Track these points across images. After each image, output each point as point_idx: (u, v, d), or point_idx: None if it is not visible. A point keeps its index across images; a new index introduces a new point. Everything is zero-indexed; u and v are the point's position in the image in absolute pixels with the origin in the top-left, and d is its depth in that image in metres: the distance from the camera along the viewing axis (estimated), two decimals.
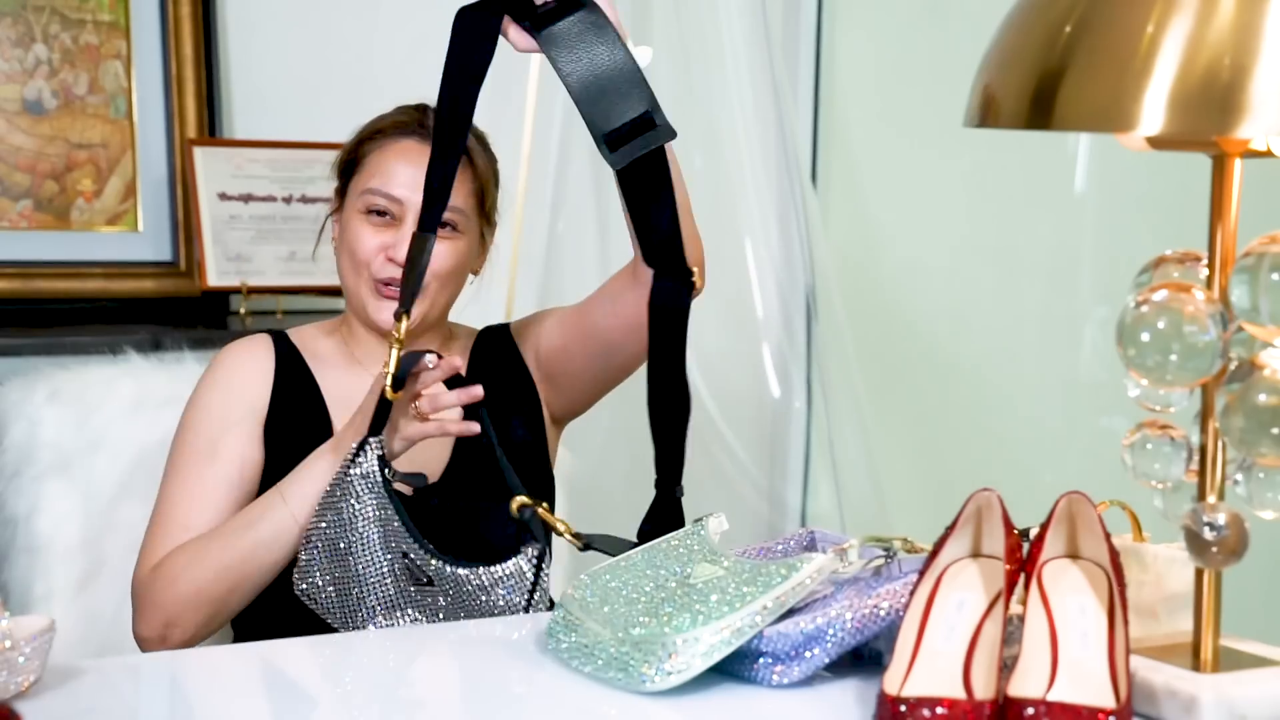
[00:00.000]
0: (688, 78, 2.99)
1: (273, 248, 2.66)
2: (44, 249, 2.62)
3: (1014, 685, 1.23)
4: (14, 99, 2.61)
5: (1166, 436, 1.34)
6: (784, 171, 3.05)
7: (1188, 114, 1.16)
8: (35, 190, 2.62)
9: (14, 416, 1.97)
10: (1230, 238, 1.30)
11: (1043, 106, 1.22)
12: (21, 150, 2.61)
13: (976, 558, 1.37)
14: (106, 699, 1.36)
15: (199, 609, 1.73)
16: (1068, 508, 1.37)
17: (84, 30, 2.64)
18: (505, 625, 1.63)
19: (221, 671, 1.50)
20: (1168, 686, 1.26)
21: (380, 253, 1.86)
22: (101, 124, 2.65)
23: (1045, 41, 1.23)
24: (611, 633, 1.39)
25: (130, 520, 1.96)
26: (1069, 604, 1.32)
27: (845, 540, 1.52)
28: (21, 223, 2.61)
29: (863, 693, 1.35)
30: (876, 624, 1.36)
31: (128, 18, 2.67)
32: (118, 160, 2.66)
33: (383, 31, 2.85)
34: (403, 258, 1.81)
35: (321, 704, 1.36)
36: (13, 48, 2.60)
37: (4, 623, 1.30)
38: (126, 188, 2.67)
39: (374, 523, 1.64)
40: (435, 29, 2.88)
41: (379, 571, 1.65)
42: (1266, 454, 1.23)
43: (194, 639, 1.74)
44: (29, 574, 1.95)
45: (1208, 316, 1.25)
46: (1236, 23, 1.16)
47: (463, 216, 1.88)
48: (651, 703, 1.34)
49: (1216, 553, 1.26)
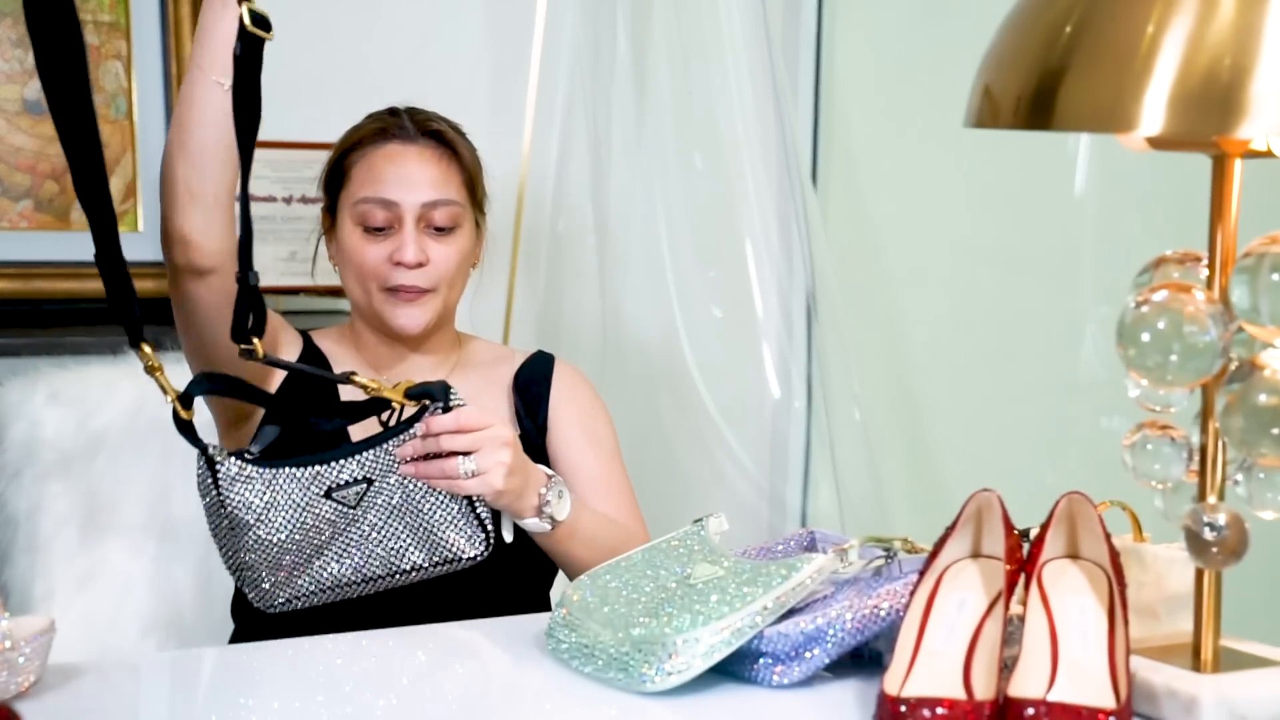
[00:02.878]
0: (688, 78, 2.99)
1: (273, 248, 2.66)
2: (44, 249, 2.62)
3: (1014, 685, 1.23)
4: (14, 99, 2.61)
5: (1167, 437, 1.34)
6: (784, 171, 3.05)
7: (1188, 114, 1.16)
8: (35, 190, 2.62)
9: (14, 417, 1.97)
10: (1230, 238, 1.30)
11: (1043, 107, 1.22)
12: (22, 151, 2.61)
13: (977, 558, 1.37)
14: (106, 699, 1.36)
15: (169, 189, 1.68)
16: (1068, 508, 1.37)
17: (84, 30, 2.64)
18: (505, 625, 1.63)
19: (222, 671, 1.50)
20: (1168, 687, 1.26)
21: (386, 262, 1.84)
22: (102, 124, 2.65)
23: (1045, 42, 1.23)
24: (612, 633, 1.39)
25: (130, 520, 1.96)
26: (1069, 604, 1.32)
27: (845, 540, 1.52)
28: (22, 223, 2.61)
29: (863, 693, 1.35)
30: (877, 624, 1.36)
31: (128, 18, 2.67)
32: (118, 160, 2.66)
33: (383, 31, 2.85)
34: (409, 259, 1.82)
35: (321, 704, 1.36)
36: (13, 48, 2.60)
37: (4, 623, 1.30)
38: (127, 188, 2.67)
39: (273, 506, 1.59)
40: (435, 29, 2.89)
41: (317, 533, 1.61)
42: (1267, 454, 1.23)
43: (189, 231, 1.67)
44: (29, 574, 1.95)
45: (1208, 317, 1.25)
46: (1236, 23, 1.16)
47: (459, 209, 1.88)
48: (652, 703, 1.34)
49: (1217, 553, 1.26)
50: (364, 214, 1.85)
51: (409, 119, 1.89)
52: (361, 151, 1.88)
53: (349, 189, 1.88)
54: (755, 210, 3.00)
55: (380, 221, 1.84)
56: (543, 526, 1.72)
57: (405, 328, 1.85)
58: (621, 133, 2.98)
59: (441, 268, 1.85)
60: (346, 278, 1.88)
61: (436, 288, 1.86)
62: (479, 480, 1.65)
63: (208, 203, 1.66)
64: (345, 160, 1.89)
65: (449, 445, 1.64)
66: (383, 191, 1.85)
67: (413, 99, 1.94)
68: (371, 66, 2.82)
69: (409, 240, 1.82)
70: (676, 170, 3.00)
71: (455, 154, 1.89)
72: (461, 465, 1.64)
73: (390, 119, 1.90)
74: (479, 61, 2.91)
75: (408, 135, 1.87)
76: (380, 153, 1.87)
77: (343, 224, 1.88)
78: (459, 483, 1.65)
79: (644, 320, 3.01)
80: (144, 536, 1.96)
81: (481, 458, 1.64)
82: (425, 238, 1.84)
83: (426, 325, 1.86)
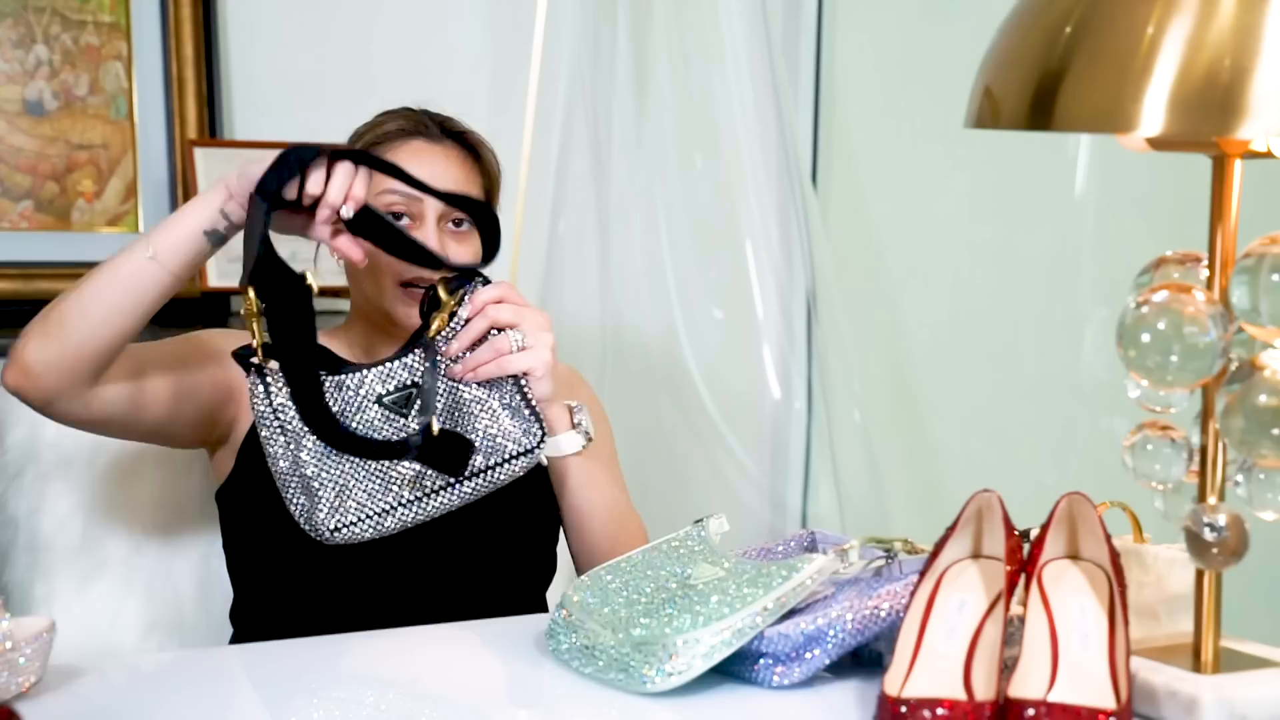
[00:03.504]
0: (688, 78, 2.99)
1: None
2: (45, 250, 2.62)
3: (1014, 686, 1.23)
4: (15, 100, 2.61)
5: (1167, 437, 1.34)
6: (784, 172, 3.05)
7: (1188, 115, 1.16)
8: (36, 191, 2.62)
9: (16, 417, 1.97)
10: (1230, 239, 1.30)
11: (1043, 107, 1.22)
12: (22, 151, 2.61)
13: (977, 559, 1.37)
14: (106, 699, 1.36)
15: (43, 321, 1.66)
16: (1068, 508, 1.37)
17: (85, 31, 2.64)
18: (505, 625, 1.63)
19: (222, 671, 1.50)
20: (1168, 687, 1.26)
21: None
22: (102, 125, 2.65)
23: (1045, 42, 1.23)
24: (612, 633, 1.39)
25: (131, 521, 1.96)
26: (1069, 605, 1.32)
27: (846, 541, 1.52)
28: (22, 223, 2.61)
29: (863, 694, 1.35)
30: (877, 625, 1.36)
31: (128, 19, 2.67)
32: (118, 161, 2.66)
33: (382, 31, 2.85)
34: None
35: (321, 704, 1.36)
36: (13, 49, 2.60)
37: (5, 623, 1.30)
38: (127, 188, 2.67)
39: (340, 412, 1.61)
40: (435, 29, 2.89)
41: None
42: (1267, 455, 1.23)
43: (34, 362, 1.64)
44: (30, 574, 1.95)
45: (1208, 317, 1.25)
46: (1236, 24, 1.16)
47: None
48: (652, 703, 1.34)
49: (1217, 554, 1.26)
50: (387, 205, 1.82)
51: (431, 120, 1.89)
52: (387, 145, 1.86)
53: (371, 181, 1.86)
54: (755, 210, 3.01)
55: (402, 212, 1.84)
56: (578, 441, 1.75)
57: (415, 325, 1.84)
58: (622, 133, 2.98)
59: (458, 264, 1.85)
60: (357, 271, 1.86)
61: None
62: (529, 353, 1.67)
63: (78, 352, 1.65)
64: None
65: (495, 315, 1.68)
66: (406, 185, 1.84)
67: (413, 99, 1.94)
68: (371, 66, 2.82)
69: (430, 236, 1.82)
70: (677, 171, 3.00)
71: (478, 158, 1.89)
72: (510, 337, 1.67)
73: (413, 115, 1.89)
74: (479, 62, 2.91)
75: (433, 135, 1.87)
76: (407, 148, 1.86)
77: None
78: (509, 359, 1.67)
79: (644, 321, 3.01)
80: (144, 537, 1.96)
81: (527, 331, 1.68)
82: (444, 235, 1.84)
83: None
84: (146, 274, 1.64)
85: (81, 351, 1.65)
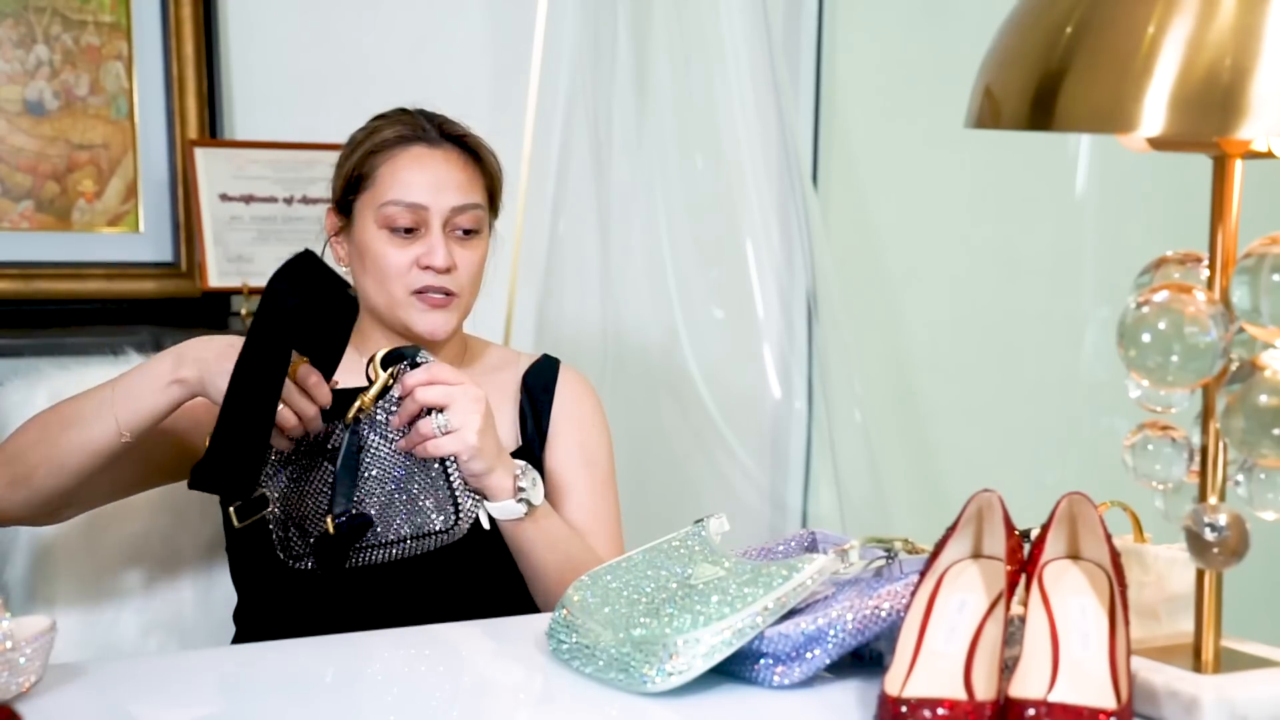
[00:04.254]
0: (688, 78, 2.99)
1: (274, 249, 2.66)
2: (45, 250, 2.62)
3: (1015, 686, 1.23)
4: (15, 100, 2.61)
5: (1167, 437, 1.34)
6: (784, 172, 3.05)
7: (1188, 115, 1.16)
8: (36, 191, 2.62)
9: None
10: (1231, 239, 1.30)
11: (1044, 107, 1.22)
12: (23, 151, 2.61)
13: (977, 559, 1.37)
14: (106, 699, 1.36)
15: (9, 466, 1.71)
16: (1069, 508, 1.37)
17: (85, 31, 2.64)
18: (505, 625, 1.63)
19: (222, 672, 1.50)
20: (1169, 687, 1.26)
21: (412, 265, 1.83)
22: (102, 125, 2.65)
23: (1046, 42, 1.23)
24: (612, 633, 1.39)
25: (131, 521, 1.96)
26: (1070, 605, 1.32)
27: (846, 541, 1.52)
28: (23, 223, 2.61)
29: (864, 694, 1.35)
30: (877, 625, 1.36)
31: (129, 19, 2.67)
32: (119, 161, 2.66)
33: (383, 32, 2.85)
34: (439, 263, 1.81)
35: (321, 704, 1.36)
36: (14, 49, 2.60)
37: (5, 623, 1.30)
38: (128, 188, 2.67)
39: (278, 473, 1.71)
40: (436, 29, 2.89)
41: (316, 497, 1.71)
42: (1267, 455, 1.23)
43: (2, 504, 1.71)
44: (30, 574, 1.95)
45: (1209, 317, 1.25)
46: (1237, 24, 1.16)
47: (483, 213, 1.88)
48: (652, 703, 1.34)
49: (1217, 554, 1.26)
50: (390, 217, 1.83)
51: (429, 122, 1.88)
52: (387, 154, 1.85)
53: (372, 191, 1.85)
54: (755, 210, 3.01)
55: (407, 224, 1.83)
56: (518, 510, 1.71)
57: (431, 333, 1.84)
58: (622, 133, 2.98)
59: (467, 272, 1.85)
60: (365, 281, 1.86)
61: (461, 292, 1.85)
62: (453, 437, 1.66)
63: (45, 497, 1.72)
64: (369, 161, 1.86)
65: (423, 398, 1.66)
66: (411, 195, 1.83)
67: (413, 99, 1.94)
68: (371, 66, 2.82)
69: (437, 244, 1.82)
70: (677, 170, 3.00)
71: (479, 160, 1.89)
72: (435, 421, 1.66)
73: (411, 121, 1.88)
74: (479, 61, 2.91)
75: (433, 139, 1.86)
76: (407, 155, 1.85)
77: (364, 227, 1.85)
78: (434, 442, 1.66)
79: (645, 321, 3.01)
80: (145, 537, 1.96)
81: (454, 413, 1.66)
82: (451, 242, 1.84)
83: (451, 330, 1.86)
84: (112, 438, 1.67)
85: (49, 497, 1.72)
